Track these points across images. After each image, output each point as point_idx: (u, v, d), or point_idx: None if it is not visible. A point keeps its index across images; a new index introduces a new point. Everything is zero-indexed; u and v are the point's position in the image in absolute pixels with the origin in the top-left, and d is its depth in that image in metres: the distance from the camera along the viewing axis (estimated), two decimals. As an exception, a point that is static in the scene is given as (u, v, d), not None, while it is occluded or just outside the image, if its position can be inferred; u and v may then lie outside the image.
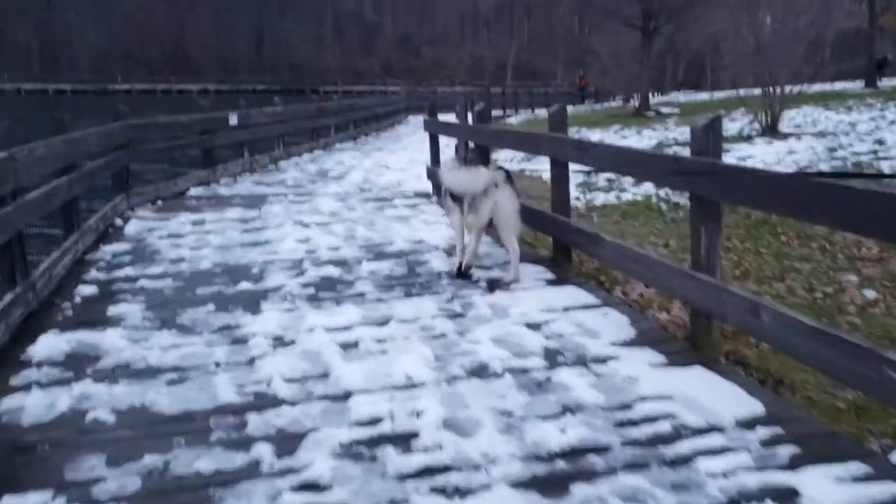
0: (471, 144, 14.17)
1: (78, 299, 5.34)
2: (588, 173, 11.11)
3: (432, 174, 9.30)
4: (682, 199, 9.62)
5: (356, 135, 22.14)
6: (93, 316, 4.93)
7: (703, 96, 36.15)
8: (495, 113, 24.07)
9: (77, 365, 4.06)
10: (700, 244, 3.84)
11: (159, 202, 9.76)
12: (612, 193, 10.04)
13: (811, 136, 13.87)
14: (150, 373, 3.94)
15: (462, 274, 5.51)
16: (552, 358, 3.91)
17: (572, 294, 4.98)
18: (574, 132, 21.51)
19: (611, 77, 39.87)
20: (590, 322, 4.40)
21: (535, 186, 11.70)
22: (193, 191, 10.79)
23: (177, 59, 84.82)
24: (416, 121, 34.22)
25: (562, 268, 5.70)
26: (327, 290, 5.34)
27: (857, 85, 26.60)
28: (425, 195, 9.82)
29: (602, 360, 3.84)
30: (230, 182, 11.83)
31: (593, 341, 4.09)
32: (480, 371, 3.79)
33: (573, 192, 11.58)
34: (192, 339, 4.44)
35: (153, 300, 5.27)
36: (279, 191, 10.68)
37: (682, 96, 39.11)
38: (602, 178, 11.65)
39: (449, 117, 14.84)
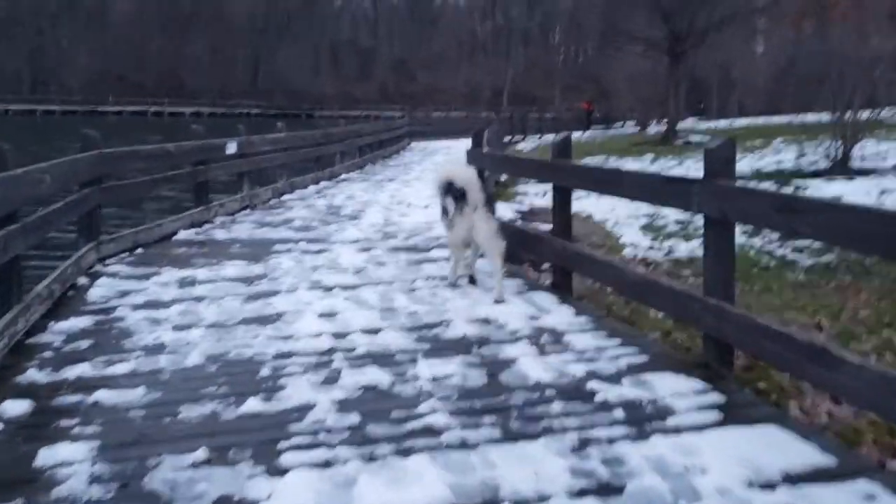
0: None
1: (-1, 427, 3.52)
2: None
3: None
4: (787, 251, 7.81)
5: (362, 163, 20.38)
6: (12, 472, 3.09)
7: (723, 123, 34.41)
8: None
9: None
10: None
11: (139, 250, 7.90)
12: (695, 241, 8.19)
13: None
14: None
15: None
16: None
17: (777, 441, 3.09)
18: (601, 161, 19.67)
19: (624, 101, 38.44)
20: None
21: (590, 230, 9.89)
22: (183, 234, 8.92)
23: (171, 83, 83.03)
24: (420, 147, 32.60)
25: (726, 382, 3.79)
26: (379, 421, 3.46)
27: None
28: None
29: None
30: (227, 222, 9.96)
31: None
32: None
33: (636, 236, 9.78)
34: (167, 535, 2.58)
35: (112, 434, 3.42)
36: (287, 235, 8.81)
37: (700, 123, 37.41)
38: (671, 218, 9.83)
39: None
